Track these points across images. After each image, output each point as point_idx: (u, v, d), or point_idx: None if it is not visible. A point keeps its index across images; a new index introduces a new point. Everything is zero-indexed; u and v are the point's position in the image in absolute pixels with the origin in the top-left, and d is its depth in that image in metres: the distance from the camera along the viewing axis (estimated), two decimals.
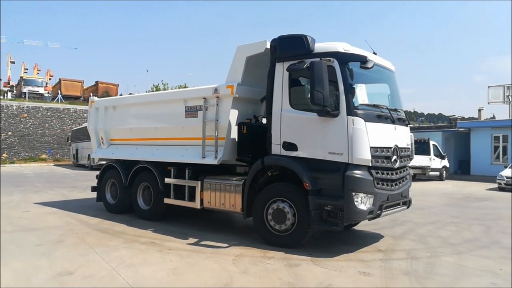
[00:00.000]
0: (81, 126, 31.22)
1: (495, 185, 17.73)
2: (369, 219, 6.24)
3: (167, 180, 8.02)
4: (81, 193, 13.19)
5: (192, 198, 7.58)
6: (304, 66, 6.05)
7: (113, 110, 9.66)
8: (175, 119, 8.04)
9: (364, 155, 5.84)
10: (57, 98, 39.14)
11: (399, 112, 6.92)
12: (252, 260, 5.72)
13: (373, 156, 5.93)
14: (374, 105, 6.37)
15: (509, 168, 18.17)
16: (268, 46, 6.70)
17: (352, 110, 5.83)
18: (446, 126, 30.98)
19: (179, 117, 7.93)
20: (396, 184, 6.45)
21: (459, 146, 26.36)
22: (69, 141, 32.11)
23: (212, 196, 7.22)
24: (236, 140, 7.05)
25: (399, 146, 6.55)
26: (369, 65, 6.02)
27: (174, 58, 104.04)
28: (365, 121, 5.87)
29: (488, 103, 26.10)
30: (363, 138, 5.84)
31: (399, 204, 6.66)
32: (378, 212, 6.08)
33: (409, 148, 7.01)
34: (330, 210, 5.87)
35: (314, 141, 6.15)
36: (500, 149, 23.65)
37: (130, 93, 55.48)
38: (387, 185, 6.23)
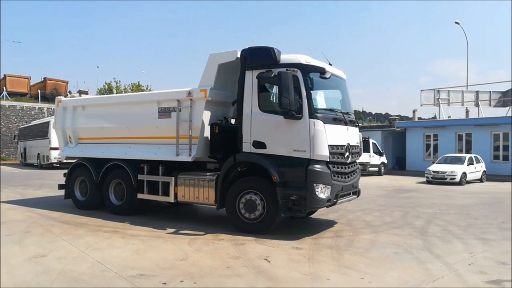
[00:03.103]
0: (29, 124, 30.50)
1: (425, 179, 19.87)
2: (327, 206, 7.31)
3: (140, 176, 8.56)
4: (37, 191, 13.46)
5: (166, 192, 8.22)
6: (272, 75, 6.92)
7: (83, 110, 10.00)
8: (148, 119, 8.57)
9: (324, 152, 6.88)
10: (1, 94, 37.63)
11: (350, 115, 8.03)
12: (204, 242, 6.73)
13: (330, 153, 6.97)
14: (330, 109, 7.49)
15: (436, 163, 20.43)
16: (239, 55, 7.51)
17: (313, 113, 6.83)
18: (386, 125, 33.51)
19: (152, 118, 8.48)
20: (348, 177, 7.59)
21: (397, 144, 28.74)
22: (16, 140, 31.19)
23: (186, 190, 7.91)
24: (209, 139, 7.79)
25: (351, 144, 7.65)
26: (327, 75, 7.13)
27: (126, 54, 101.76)
28: (324, 123, 6.90)
29: (421, 105, 28.74)
30: (323, 137, 6.87)
31: (350, 193, 7.82)
32: (335, 200, 7.18)
33: (358, 146, 8.17)
34: (294, 199, 6.84)
35: (281, 140, 7.05)
36: (431, 147, 26.19)
37: (80, 90, 54.14)
38: (341, 177, 7.34)
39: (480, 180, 20.26)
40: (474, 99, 27.82)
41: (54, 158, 23.38)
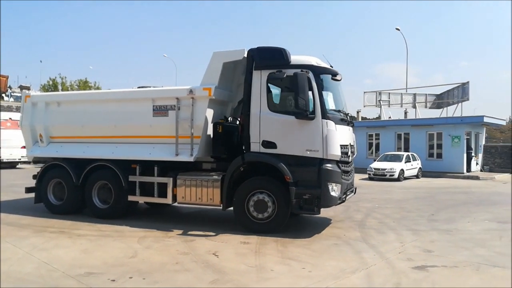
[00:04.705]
0: None
1: (367, 175, 21.01)
2: (337, 204, 7.50)
3: (132, 177, 8.17)
4: None
5: (162, 194, 7.99)
6: (285, 76, 7.01)
7: (58, 106, 9.28)
8: (141, 117, 8.21)
9: (336, 152, 7.10)
10: None
11: (348, 115, 8.25)
12: (154, 239, 6.85)
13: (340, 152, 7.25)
14: (338, 111, 7.66)
15: (377, 161, 21.67)
16: (245, 54, 7.55)
17: (325, 114, 7.00)
18: None
19: (145, 116, 8.15)
20: (349, 175, 7.91)
21: None
22: None
23: (188, 191, 7.71)
24: (211, 138, 7.77)
25: (351, 143, 7.96)
26: (339, 78, 7.43)
27: (72, 49, 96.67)
28: (335, 123, 7.11)
29: (364, 106, 30.27)
30: (335, 137, 7.07)
31: (350, 191, 8.11)
32: (344, 198, 7.47)
33: (354, 145, 8.48)
34: (307, 198, 7.00)
35: (292, 140, 7.13)
36: (374, 145, 27.65)
37: (21, 85, 50.99)
38: (346, 175, 7.63)
39: (416, 176, 21.76)
40: (412, 101, 29.74)
41: None
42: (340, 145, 7.23)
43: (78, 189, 8.76)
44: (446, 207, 11.16)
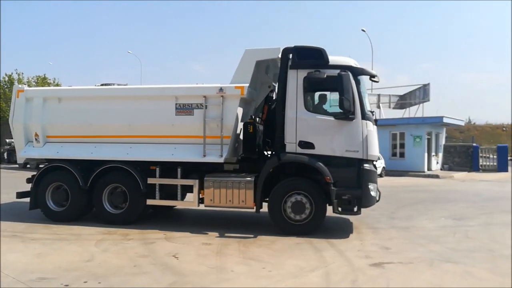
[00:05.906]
0: None
1: None
2: (374, 204, 7.47)
3: (151, 180, 7.78)
4: None
5: (185, 197, 7.75)
6: (325, 76, 6.95)
7: (59, 103, 8.45)
8: (162, 116, 7.81)
9: (376, 152, 7.18)
10: None
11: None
12: (113, 242, 6.68)
13: None
14: (372, 112, 7.65)
15: None
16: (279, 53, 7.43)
17: (365, 115, 7.05)
18: None
19: (167, 114, 7.75)
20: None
21: None
22: None
23: (217, 193, 7.39)
24: (242, 138, 7.60)
25: None
26: (377, 79, 7.51)
27: (30, 43, 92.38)
28: (373, 124, 7.17)
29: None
30: (374, 138, 7.16)
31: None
32: (378, 197, 7.52)
33: None
34: (345, 199, 6.99)
35: (331, 140, 7.13)
36: None
37: None
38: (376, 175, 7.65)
39: (380, 175, 22.22)
40: (376, 101, 30.48)
41: None
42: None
43: (85, 193, 8.11)
44: (406, 205, 11.50)
